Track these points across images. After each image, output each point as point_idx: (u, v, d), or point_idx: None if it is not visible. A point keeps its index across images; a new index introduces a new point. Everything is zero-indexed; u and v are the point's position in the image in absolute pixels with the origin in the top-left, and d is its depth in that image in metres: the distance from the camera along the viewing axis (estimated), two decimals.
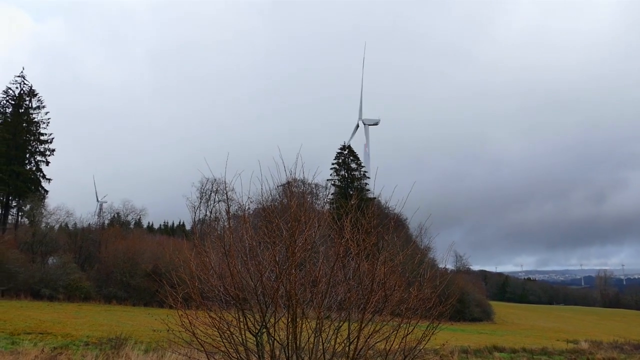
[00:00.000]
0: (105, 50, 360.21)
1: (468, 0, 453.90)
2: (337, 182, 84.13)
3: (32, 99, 75.08)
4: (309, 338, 9.37)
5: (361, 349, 9.16)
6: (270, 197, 11.62)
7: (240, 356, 9.43)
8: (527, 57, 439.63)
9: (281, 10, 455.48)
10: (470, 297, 76.49)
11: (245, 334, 9.52)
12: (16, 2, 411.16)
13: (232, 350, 9.48)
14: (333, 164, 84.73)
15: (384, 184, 11.77)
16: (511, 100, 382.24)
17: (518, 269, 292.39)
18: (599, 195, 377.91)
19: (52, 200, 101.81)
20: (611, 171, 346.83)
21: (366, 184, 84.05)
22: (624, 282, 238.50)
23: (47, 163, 74.82)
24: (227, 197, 11.73)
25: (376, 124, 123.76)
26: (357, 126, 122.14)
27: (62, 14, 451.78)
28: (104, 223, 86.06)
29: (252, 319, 9.59)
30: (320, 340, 9.26)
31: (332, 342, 9.41)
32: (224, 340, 9.52)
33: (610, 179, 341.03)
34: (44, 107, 75.50)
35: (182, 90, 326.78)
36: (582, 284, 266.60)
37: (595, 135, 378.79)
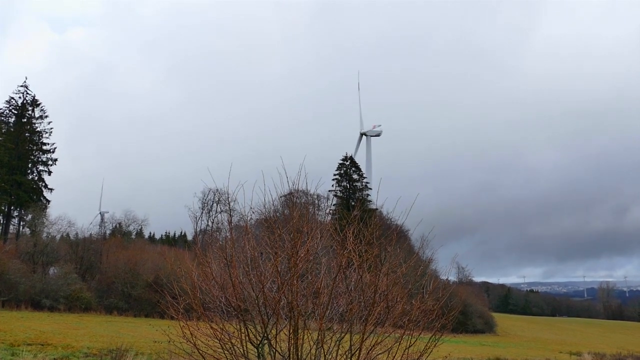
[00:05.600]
0: (132, 60, 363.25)
1: (505, 8, 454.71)
2: (338, 193, 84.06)
3: (35, 109, 75.31)
4: (310, 350, 9.32)
5: None
6: (272, 208, 11.63)
7: None
8: (554, 66, 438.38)
9: (305, 20, 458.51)
10: (472, 308, 76.08)
11: (246, 345, 9.48)
12: (38, 13, 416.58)
13: None
14: (335, 174, 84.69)
15: (387, 195, 11.75)
16: (544, 109, 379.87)
17: (521, 280, 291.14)
18: (620, 207, 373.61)
19: (54, 210, 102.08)
20: (636, 183, 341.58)
21: (368, 195, 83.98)
22: (627, 294, 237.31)
23: (50, 173, 74.95)
24: (229, 207, 11.74)
25: (378, 135, 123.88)
26: (360, 136, 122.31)
27: (84, 25, 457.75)
28: (105, 233, 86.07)
29: (253, 330, 9.56)
30: (322, 352, 9.21)
31: (334, 354, 9.36)
32: (226, 352, 9.48)
33: (635, 192, 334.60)
34: (46, 116, 75.74)
35: (201, 101, 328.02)
36: (585, 295, 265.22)
37: (624, 146, 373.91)
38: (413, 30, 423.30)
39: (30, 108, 75.17)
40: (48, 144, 75.17)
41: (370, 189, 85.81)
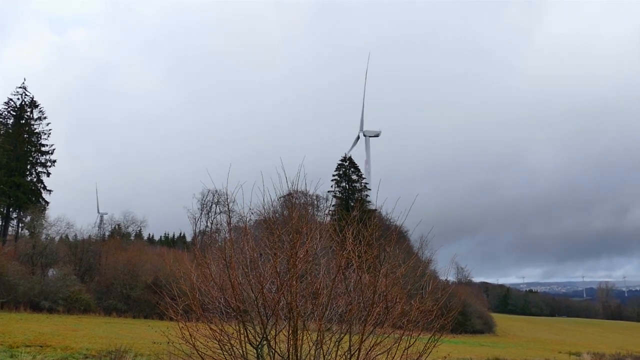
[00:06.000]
0: (132, 60, 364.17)
1: (506, 8, 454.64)
2: (338, 194, 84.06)
3: (34, 110, 75.22)
4: (309, 350, 9.32)
5: None
6: (271, 209, 11.63)
7: None
8: (555, 66, 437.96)
9: (306, 20, 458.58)
10: (471, 309, 76.11)
11: (245, 346, 9.47)
12: (38, 14, 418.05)
13: None
14: (334, 175, 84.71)
15: (387, 196, 11.73)
16: (544, 109, 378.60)
17: (520, 280, 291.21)
18: (620, 208, 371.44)
19: (53, 212, 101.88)
20: (636, 183, 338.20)
21: (367, 195, 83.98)
22: (626, 294, 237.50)
23: (48, 174, 74.86)
24: (228, 208, 11.73)
25: (377, 135, 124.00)
26: (358, 138, 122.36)
27: (84, 25, 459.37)
28: (104, 235, 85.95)
29: (252, 331, 9.55)
30: (321, 352, 9.21)
31: (333, 355, 9.36)
32: (225, 353, 9.48)
33: (635, 192, 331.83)
34: (45, 118, 75.65)
35: (201, 101, 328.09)
36: (584, 295, 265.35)
37: (624, 146, 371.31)
38: (413, 30, 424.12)
39: (28, 109, 75.07)
40: (47, 145, 75.17)
41: (370, 189, 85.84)
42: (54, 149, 75.38)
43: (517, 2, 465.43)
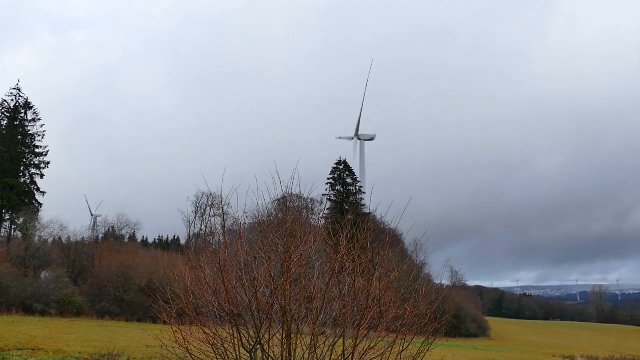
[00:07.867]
0: (132, 60, 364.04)
1: (512, 8, 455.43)
2: (332, 197, 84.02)
3: (28, 112, 74.87)
4: (303, 355, 9.30)
5: None
6: (266, 212, 11.61)
7: None
8: (558, 66, 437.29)
9: (306, 21, 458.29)
10: (466, 312, 76.14)
11: (239, 350, 9.44)
12: (39, 15, 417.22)
13: None
14: (329, 178, 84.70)
15: (383, 199, 11.74)
16: (547, 109, 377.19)
17: (514, 284, 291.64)
18: (619, 211, 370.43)
19: (47, 214, 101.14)
20: (636, 187, 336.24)
21: (362, 199, 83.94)
22: (619, 298, 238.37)
23: (42, 176, 74.42)
24: (222, 211, 11.69)
25: (372, 139, 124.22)
26: (354, 142, 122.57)
27: (85, 26, 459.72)
28: (98, 237, 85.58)
29: (246, 335, 9.52)
30: (315, 356, 9.19)
31: (327, 359, 9.34)
32: (218, 357, 9.44)
33: (634, 195, 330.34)
34: (39, 119, 75.23)
35: (201, 102, 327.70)
36: (578, 299, 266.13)
37: (629, 149, 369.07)
38: (416, 30, 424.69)
39: (22, 111, 74.70)
40: (40, 146, 74.72)
41: (364, 192, 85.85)
42: (47, 151, 75.03)
43: (525, 3, 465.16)
